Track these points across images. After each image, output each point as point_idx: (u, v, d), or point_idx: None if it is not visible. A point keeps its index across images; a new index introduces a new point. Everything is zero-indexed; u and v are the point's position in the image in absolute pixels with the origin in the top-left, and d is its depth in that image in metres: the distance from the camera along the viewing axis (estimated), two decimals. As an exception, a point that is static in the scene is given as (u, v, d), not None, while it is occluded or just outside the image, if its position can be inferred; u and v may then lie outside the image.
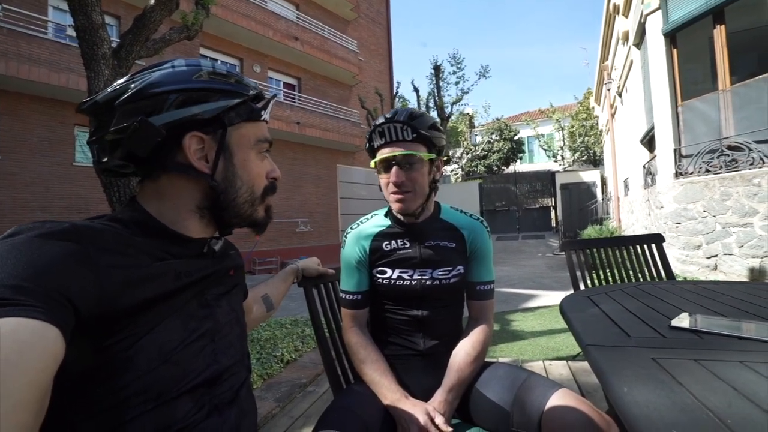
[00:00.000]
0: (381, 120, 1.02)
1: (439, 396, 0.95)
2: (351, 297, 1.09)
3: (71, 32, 7.58)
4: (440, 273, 1.05)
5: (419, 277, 1.05)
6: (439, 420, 0.88)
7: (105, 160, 0.61)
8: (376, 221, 1.12)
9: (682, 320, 0.90)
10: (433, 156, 1.03)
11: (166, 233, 0.60)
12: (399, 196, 1.01)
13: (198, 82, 0.61)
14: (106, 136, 0.59)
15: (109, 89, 0.59)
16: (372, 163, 1.05)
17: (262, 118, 0.69)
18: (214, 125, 0.62)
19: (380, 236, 1.09)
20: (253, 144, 0.67)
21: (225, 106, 0.62)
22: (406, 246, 1.07)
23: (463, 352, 1.02)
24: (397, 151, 0.99)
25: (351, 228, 1.14)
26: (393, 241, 1.08)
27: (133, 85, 0.58)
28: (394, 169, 1.00)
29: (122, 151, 0.59)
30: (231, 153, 0.64)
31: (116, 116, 0.58)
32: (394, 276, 1.06)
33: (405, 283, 1.05)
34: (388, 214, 1.12)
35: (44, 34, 7.65)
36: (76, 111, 0.61)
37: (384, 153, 1.01)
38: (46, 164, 7.84)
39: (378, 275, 1.07)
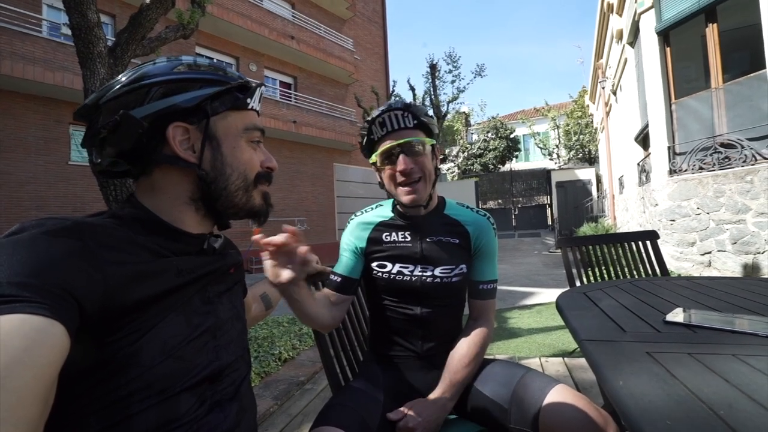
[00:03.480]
0: (377, 112, 0.99)
1: (433, 397, 0.95)
2: (333, 277, 1.08)
3: (66, 30, 7.53)
4: (442, 271, 1.02)
5: (420, 274, 1.03)
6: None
7: (99, 161, 0.62)
8: (380, 212, 1.11)
9: (677, 315, 0.92)
10: (434, 142, 1.02)
11: (165, 229, 0.61)
12: (409, 188, 0.98)
13: (178, 73, 0.61)
14: (97, 135, 0.60)
15: (96, 92, 0.61)
16: (373, 158, 1.01)
17: (250, 107, 0.68)
18: (198, 115, 0.62)
19: (381, 226, 1.08)
20: (242, 132, 0.66)
21: (205, 95, 0.62)
22: (407, 240, 1.05)
23: (460, 353, 1.00)
24: (402, 139, 0.96)
25: (355, 215, 1.13)
26: (394, 233, 1.06)
27: (115, 83, 0.60)
28: (402, 157, 0.96)
29: (110, 147, 0.60)
30: (218, 142, 0.64)
31: (102, 115, 0.59)
32: (394, 270, 1.04)
33: (405, 278, 1.03)
34: (394, 207, 1.10)
35: (39, 33, 7.58)
36: (74, 118, 0.62)
37: (386, 144, 0.97)
38: (42, 163, 7.79)
39: (377, 269, 1.06)
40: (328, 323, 1.01)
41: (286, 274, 0.77)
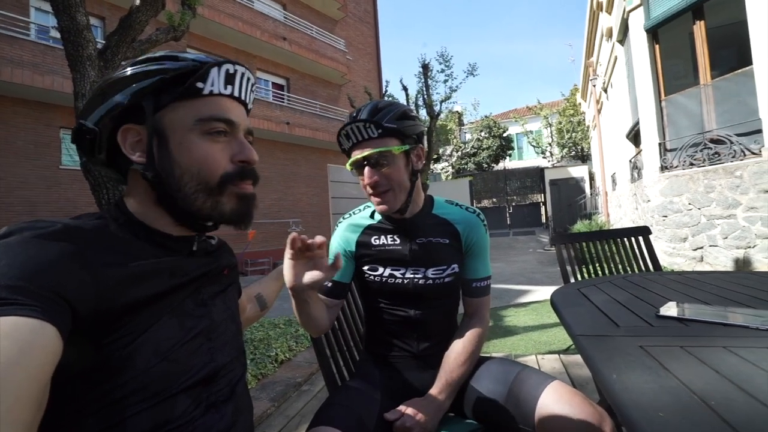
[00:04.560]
0: (346, 122, 0.95)
1: (429, 396, 0.95)
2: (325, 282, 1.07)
3: (55, 34, 7.45)
4: (434, 272, 1.02)
5: (412, 276, 1.02)
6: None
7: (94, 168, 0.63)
8: (368, 213, 1.09)
9: (669, 309, 0.93)
10: (407, 147, 0.96)
11: (150, 232, 0.60)
12: (377, 198, 0.97)
13: (122, 72, 0.58)
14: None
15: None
16: (347, 166, 1.00)
17: (206, 92, 0.59)
18: (140, 112, 0.58)
19: (370, 230, 1.07)
20: (192, 124, 0.58)
21: (138, 89, 0.57)
22: (396, 242, 1.03)
23: (455, 352, 1.01)
24: (366, 151, 0.93)
25: (343, 217, 1.12)
26: (382, 237, 1.05)
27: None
28: (366, 170, 0.95)
29: (81, 155, 0.61)
30: (165, 138, 0.58)
31: None
32: (386, 274, 1.03)
33: (397, 281, 1.03)
34: None
35: (27, 36, 7.49)
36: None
37: (354, 155, 0.96)
38: (32, 168, 7.69)
39: (369, 272, 1.05)
40: (325, 327, 1.00)
41: (312, 276, 0.75)
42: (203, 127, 0.59)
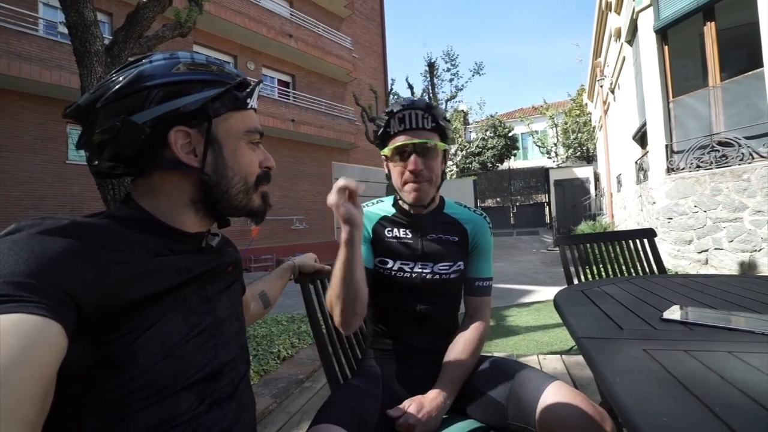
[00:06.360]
0: (398, 107, 1.00)
1: (432, 394, 0.95)
2: None
3: (63, 29, 7.49)
4: (441, 267, 1.05)
5: (420, 270, 1.04)
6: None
7: (96, 162, 0.61)
8: (382, 207, 1.13)
9: (673, 313, 0.92)
10: (446, 147, 1.04)
11: (164, 229, 0.61)
12: (416, 185, 1.00)
13: (177, 74, 0.60)
14: (93, 138, 0.59)
15: (90, 91, 0.59)
16: (385, 151, 1.03)
17: (249, 107, 0.68)
18: (199, 117, 0.61)
19: (384, 221, 1.10)
20: (243, 134, 0.66)
21: (207, 97, 0.61)
22: (408, 237, 1.07)
23: (457, 349, 1.02)
24: (416, 139, 0.98)
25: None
26: (395, 230, 1.08)
27: (112, 85, 0.58)
28: (413, 157, 0.98)
29: (109, 151, 0.59)
30: (220, 145, 0.63)
31: (99, 118, 0.58)
32: (395, 267, 1.05)
33: (405, 275, 1.05)
34: (395, 203, 1.12)
35: (35, 31, 7.54)
36: (63, 116, 0.61)
37: (400, 140, 0.99)
38: (39, 162, 7.75)
39: (379, 265, 1.07)
40: (366, 300, 0.90)
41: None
42: (249, 138, 0.67)
